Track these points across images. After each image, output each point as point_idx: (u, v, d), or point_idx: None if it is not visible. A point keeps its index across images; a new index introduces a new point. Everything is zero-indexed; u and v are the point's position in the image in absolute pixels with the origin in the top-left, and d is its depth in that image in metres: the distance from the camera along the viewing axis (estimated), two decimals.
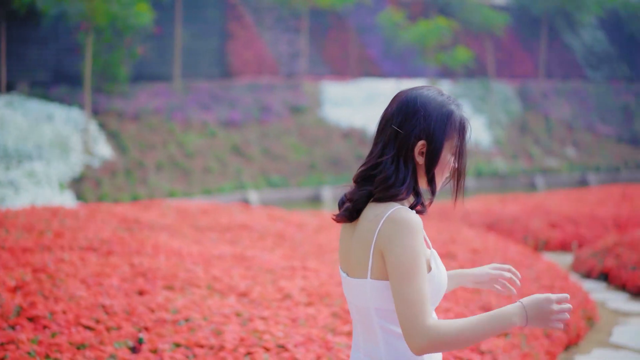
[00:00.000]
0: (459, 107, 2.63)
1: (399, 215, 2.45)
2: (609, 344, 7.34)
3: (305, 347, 4.70)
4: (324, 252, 8.34)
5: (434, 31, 26.28)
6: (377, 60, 31.82)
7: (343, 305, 5.84)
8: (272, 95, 26.29)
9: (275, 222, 10.21)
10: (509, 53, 35.04)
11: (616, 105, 34.07)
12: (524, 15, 34.96)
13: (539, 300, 2.44)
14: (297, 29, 29.60)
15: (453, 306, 6.20)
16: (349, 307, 2.65)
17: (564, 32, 36.70)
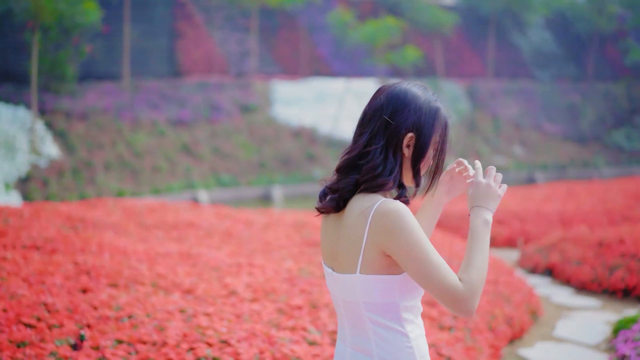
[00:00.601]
0: (444, 106, 2.66)
1: (386, 207, 2.44)
2: (552, 337, 7.44)
3: (248, 342, 4.69)
4: (272, 249, 8.34)
5: (383, 31, 26.41)
6: (327, 59, 31.88)
7: (288, 301, 5.84)
8: (222, 94, 26.21)
9: (222, 220, 10.17)
10: (457, 53, 35.35)
11: (563, 104, 34.57)
12: (473, 15, 35.32)
13: (479, 191, 2.58)
14: (247, 28, 29.55)
15: None
16: (334, 300, 2.66)
17: (512, 32, 37.14)
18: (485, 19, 35.32)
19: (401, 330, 2.51)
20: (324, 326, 5.26)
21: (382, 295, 2.49)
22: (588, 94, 36.13)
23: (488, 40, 34.98)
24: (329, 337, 5.11)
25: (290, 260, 7.34)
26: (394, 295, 2.49)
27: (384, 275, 2.47)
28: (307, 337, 4.99)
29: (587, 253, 10.24)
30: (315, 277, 6.58)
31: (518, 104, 33.55)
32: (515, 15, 36.05)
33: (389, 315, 2.51)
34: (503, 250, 12.34)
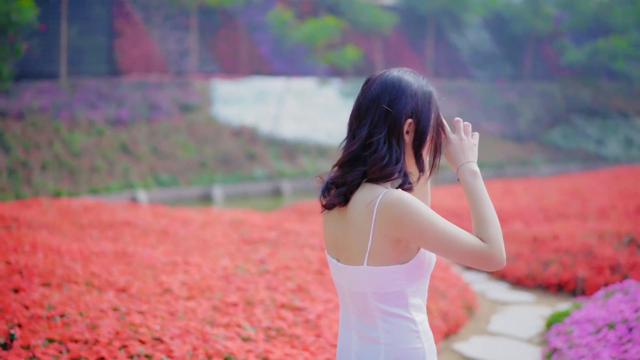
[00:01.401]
0: (434, 88, 2.70)
1: (390, 198, 2.48)
2: (487, 331, 7.54)
3: (181, 339, 4.67)
4: (209, 248, 8.30)
5: (322, 30, 26.46)
6: (267, 58, 31.84)
7: (223, 298, 5.83)
8: (161, 93, 26.00)
9: (159, 219, 10.10)
10: (397, 52, 35.58)
11: (500, 104, 35.04)
12: (411, 15, 35.60)
13: (455, 149, 2.70)
14: (186, 27, 29.36)
15: (333, 297, 6.26)
16: (338, 290, 2.71)
17: (450, 32, 37.52)
18: (424, 19, 35.63)
19: (408, 316, 2.58)
20: (259, 322, 5.27)
21: (390, 285, 2.55)
22: (525, 93, 36.67)
23: (427, 40, 35.29)
24: (264, 333, 5.12)
25: (226, 258, 7.32)
26: (401, 283, 2.56)
27: (391, 266, 2.53)
28: (241, 333, 4.99)
29: (522, 249, 10.41)
30: (251, 274, 6.58)
31: (457, 103, 33.90)
32: (453, 16, 36.44)
33: (397, 303, 2.57)
34: None
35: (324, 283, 6.63)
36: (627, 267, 9.01)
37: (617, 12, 38.41)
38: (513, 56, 39.41)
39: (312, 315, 5.59)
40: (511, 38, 39.17)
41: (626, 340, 5.72)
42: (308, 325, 5.42)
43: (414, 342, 2.58)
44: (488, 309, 8.45)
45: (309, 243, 8.53)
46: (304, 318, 5.53)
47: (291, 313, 5.58)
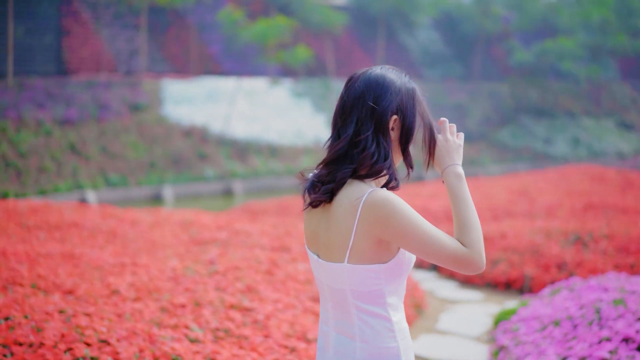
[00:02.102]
0: (417, 84, 2.74)
1: (375, 197, 2.49)
2: (435, 330, 7.59)
3: (128, 341, 4.63)
4: (158, 248, 8.25)
5: (273, 30, 26.43)
6: (218, 58, 31.72)
7: (172, 299, 5.79)
8: (111, 93, 25.74)
9: (107, 220, 10.01)
10: (348, 52, 35.69)
11: (450, 104, 35.33)
12: (362, 15, 35.73)
13: (440, 151, 2.69)
14: (136, 26, 29.12)
15: (283, 297, 6.26)
16: (318, 284, 2.73)
17: (401, 32, 37.74)
18: (375, 20, 35.79)
19: (385, 315, 2.60)
20: (207, 323, 5.24)
21: (369, 283, 2.57)
22: (474, 93, 37.02)
23: (377, 40, 35.43)
24: (212, 334, 5.10)
25: (175, 259, 7.27)
26: (380, 282, 2.57)
27: (371, 265, 2.55)
28: (189, 334, 4.96)
29: None
30: (200, 275, 6.55)
31: None
32: (404, 16, 36.66)
33: (374, 302, 2.59)
34: None
35: (274, 283, 6.63)
36: (573, 265, 9.14)
37: (565, 14, 39.01)
38: (463, 56, 39.77)
39: (261, 316, 5.59)
40: (461, 38, 39.54)
41: (571, 337, 5.81)
42: (257, 326, 5.41)
43: (389, 342, 2.61)
44: (437, 308, 8.50)
45: (259, 243, 8.52)
46: (252, 318, 5.53)
47: (240, 314, 5.57)
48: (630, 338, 5.35)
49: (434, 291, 9.34)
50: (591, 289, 7.00)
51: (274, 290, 6.41)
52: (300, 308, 6.14)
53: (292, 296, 6.41)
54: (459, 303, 8.78)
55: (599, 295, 6.58)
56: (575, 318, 6.15)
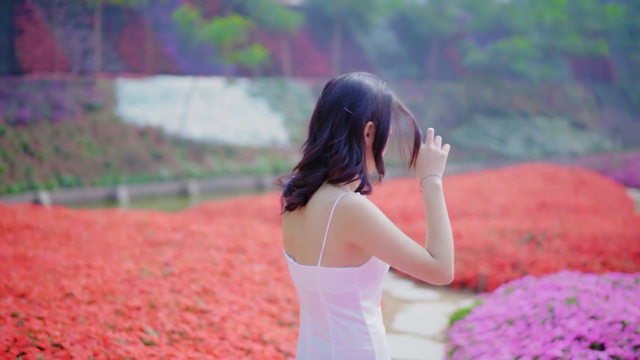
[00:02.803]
0: (393, 92, 2.79)
1: (347, 202, 2.52)
2: (391, 329, 7.63)
3: (82, 344, 4.58)
4: (112, 250, 8.17)
5: (229, 29, 26.34)
6: (174, 57, 31.54)
7: (126, 302, 5.75)
8: (64, 92, 25.45)
9: (61, 222, 9.89)
10: (304, 52, 35.70)
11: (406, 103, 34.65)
12: (318, 15, 35.76)
13: (422, 160, 2.77)
14: (90, 25, 28.83)
15: (239, 298, 6.24)
16: (296, 288, 2.77)
17: (357, 32, 37.84)
18: (331, 20, 35.84)
19: (359, 318, 2.63)
20: (162, 326, 5.21)
21: (342, 287, 2.60)
22: (430, 93, 37.26)
23: (333, 40, 35.49)
24: (167, 337, 5.07)
25: (130, 261, 7.22)
26: (354, 285, 2.60)
27: (344, 268, 2.58)
28: (143, 337, 4.93)
29: None
30: (156, 277, 6.51)
31: None
32: (360, 16, 36.77)
33: (348, 305, 2.62)
34: None
35: (230, 284, 6.61)
36: (527, 264, 9.24)
37: (518, 15, 39.44)
38: (418, 57, 40.00)
39: (217, 318, 5.57)
40: (416, 39, 39.76)
41: (525, 335, 5.87)
42: (212, 328, 5.39)
43: (364, 344, 2.64)
44: (393, 307, 8.54)
45: (215, 244, 8.48)
46: (208, 321, 5.50)
47: (195, 316, 5.54)
48: (583, 336, 5.42)
49: (390, 291, 9.38)
50: (544, 288, 7.08)
51: (230, 291, 6.40)
52: (257, 310, 6.13)
53: (248, 298, 6.40)
54: (414, 303, 8.83)
55: (552, 294, 6.66)
56: (529, 317, 6.22)
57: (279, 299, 6.57)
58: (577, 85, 45.11)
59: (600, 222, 11.16)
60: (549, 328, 5.82)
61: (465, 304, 8.38)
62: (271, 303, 6.47)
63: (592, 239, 9.76)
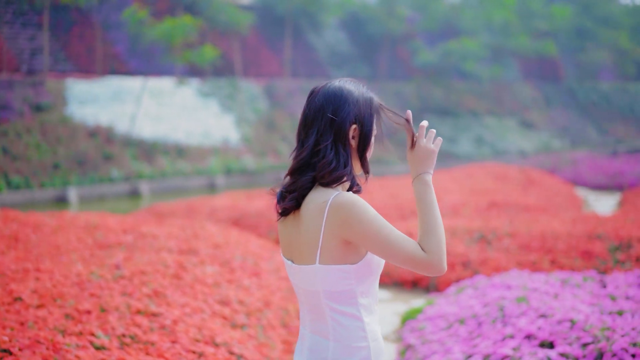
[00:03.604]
0: (374, 93, 2.90)
1: (340, 200, 2.63)
2: None
3: (31, 350, 4.51)
4: (62, 253, 8.06)
5: (180, 29, 26.17)
6: (124, 57, 31.25)
7: (76, 305, 5.67)
8: (12, 92, 25.07)
9: (9, 224, 9.73)
10: (255, 52, 35.62)
11: None
12: (269, 15, 35.71)
13: (414, 157, 2.82)
14: (38, 24, 28.45)
15: (191, 301, 6.20)
16: (295, 289, 2.86)
17: (308, 32, 37.86)
18: (282, 19, 35.81)
19: (357, 315, 2.74)
20: (113, 330, 5.16)
21: (340, 284, 2.71)
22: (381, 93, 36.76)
23: (285, 40, 35.46)
24: (118, 341, 5.02)
25: (80, 264, 7.13)
26: (351, 283, 2.71)
27: (341, 265, 2.69)
28: (94, 341, 4.87)
29: None
30: (106, 280, 6.44)
31: None
32: (311, 16, 36.78)
33: (347, 302, 2.73)
34: None
35: (181, 287, 6.56)
36: (478, 263, 9.33)
37: (468, 15, 39.81)
38: (369, 56, 40.15)
39: (168, 321, 5.52)
40: (367, 39, 39.90)
41: (476, 335, 5.92)
42: (164, 331, 5.35)
43: (360, 341, 2.74)
44: None
45: (166, 246, 8.42)
46: (159, 324, 5.46)
47: (147, 319, 5.49)
48: (532, 335, 5.49)
49: None
50: (495, 287, 7.15)
51: (181, 294, 6.35)
52: (209, 312, 6.10)
53: (200, 300, 6.37)
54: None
55: (503, 293, 6.73)
56: (479, 316, 6.27)
57: (231, 301, 6.55)
58: (526, 85, 45.65)
59: (549, 221, 11.30)
60: (499, 327, 5.87)
61: (417, 303, 8.43)
62: (223, 305, 6.44)
63: (541, 238, 9.88)
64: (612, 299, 6.49)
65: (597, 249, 9.28)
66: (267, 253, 9.04)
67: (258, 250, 9.07)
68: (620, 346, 4.96)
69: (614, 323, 5.45)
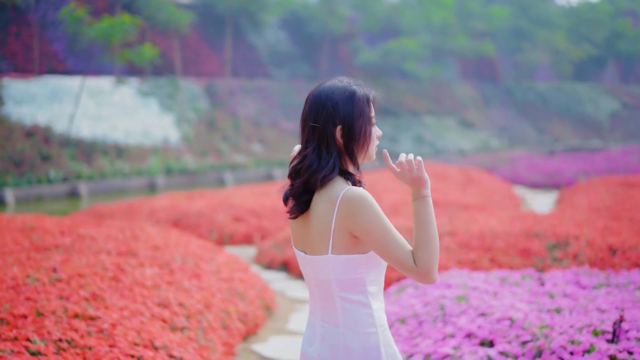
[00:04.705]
0: (361, 86, 3.00)
1: (351, 194, 2.81)
2: (285, 330, 7.63)
3: None
4: None
5: (118, 27, 25.83)
6: (62, 56, 30.79)
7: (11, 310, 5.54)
8: None
9: None
10: (195, 51, 35.40)
11: (298, 103, 35.62)
12: (209, 14, 35.50)
13: (408, 184, 2.94)
14: None
15: (129, 304, 6.12)
16: (306, 279, 3.05)
17: (249, 31, 37.73)
18: (222, 18, 35.63)
19: (366, 302, 2.91)
20: (49, 335, 5.07)
21: (351, 272, 2.89)
22: None
23: (225, 39, 35.30)
24: (54, 346, 4.93)
25: (16, 267, 6.99)
26: (362, 271, 2.89)
27: (352, 255, 2.87)
28: (30, 347, 4.78)
29: None
30: (43, 283, 6.32)
31: (256, 102, 34.17)
32: (251, 15, 36.66)
33: (356, 290, 2.91)
34: (241, 247, 12.50)
35: (120, 290, 6.47)
36: None
37: (407, 15, 40.10)
38: (310, 56, 40.19)
39: (106, 325, 5.44)
40: (308, 38, 39.92)
41: (417, 334, 5.95)
42: (102, 335, 5.27)
43: (369, 327, 2.92)
44: (287, 308, 8.55)
45: (105, 248, 8.30)
46: (97, 328, 5.38)
47: (84, 323, 5.41)
48: (473, 333, 5.53)
49: (285, 291, 9.39)
50: (435, 286, 7.20)
51: (120, 297, 6.27)
52: (148, 315, 6.03)
53: (139, 303, 6.29)
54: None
55: (443, 292, 6.78)
56: (420, 315, 6.31)
57: (171, 303, 6.49)
58: (464, 84, 46.14)
59: (488, 219, 11.42)
60: (440, 326, 5.91)
61: None
62: (163, 308, 6.38)
63: (480, 236, 9.97)
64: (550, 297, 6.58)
65: (535, 247, 9.40)
66: (207, 254, 8.97)
67: (198, 251, 9.00)
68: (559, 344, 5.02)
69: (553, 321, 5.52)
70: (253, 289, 8.24)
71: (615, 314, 5.56)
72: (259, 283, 8.70)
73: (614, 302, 6.06)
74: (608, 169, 24.80)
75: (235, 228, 13.02)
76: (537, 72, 51.42)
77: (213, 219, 13.37)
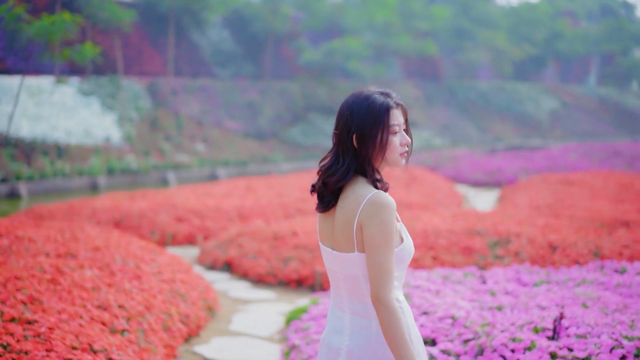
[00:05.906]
0: (383, 94, 3.06)
1: (376, 197, 2.92)
2: (228, 331, 7.57)
3: None
4: None
5: (58, 26, 25.42)
6: (0, 55, 30.22)
7: None
8: None
9: None
10: (137, 50, 35.05)
11: (242, 102, 35.51)
12: (152, 12, 35.16)
13: None
14: None
15: (68, 306, 6.01)
16: (330, 274, 3.17)
17: (192, 30, 37.45)
18: (165, 17, 35.32)
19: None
20: None
21: None
22: (266, 92, 37.36)
23: (168, 38, 35.01)
24: None
25: None
26: None
27: None
28: None
29: (263, 246, 10.56)
30: None
31: (199, 101, 33.95)
32: (194, 14, 36.37)
33: None
34: (183, 248, 12.39)
35: (58, 292, 6.35)
36: None
37: (351, 15, 40.23)
38: (254, 55, 40.04)
39: (44, 328, 5.33)
40: (251, 37, 39.77)
41: None
42: (39, 339, 5.15)
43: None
44: (230, 309, 8.49)
45: (43, 250, 8.15)
46: (34, 332, 5.26)
47: (21, 327, 5.28)
48: None
49: (227, 292, 9.33)
50: None
51: (58, 299, 6.15)
52: (87, 317, 5.92)
53: (78, 305, 6.18)
54: (252, 303, 8.81)
55: None
56: None
57: (110, 306, 6.38)
58: (408, 83, 46.43)
59: (431, 218, 11.49)
60: None
61: (302, 302, 8.42)
62: (102, 310, 6.27)
63: (423, 234, 10.03)
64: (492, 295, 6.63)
65: (477, 245, 9.48)
66: (149, 255, 8.86)
67: (140, 252, 8.88)
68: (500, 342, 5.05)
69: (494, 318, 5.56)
70: (195, 289, 8.17)
71: (556, 311, 5.62)
72: (202, 284, 8.63)
73: (554, 299, 6.13)
74: (548, 167, 25.19)
75: (177, 228, 12.91)
76: (478, 72, 51.98)
77: (155, 219, 13.24)
